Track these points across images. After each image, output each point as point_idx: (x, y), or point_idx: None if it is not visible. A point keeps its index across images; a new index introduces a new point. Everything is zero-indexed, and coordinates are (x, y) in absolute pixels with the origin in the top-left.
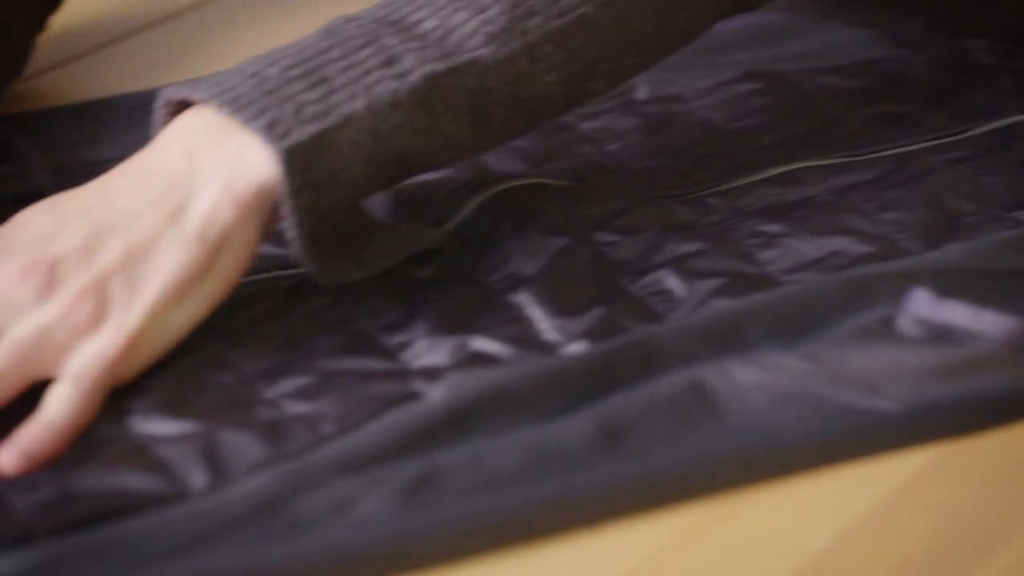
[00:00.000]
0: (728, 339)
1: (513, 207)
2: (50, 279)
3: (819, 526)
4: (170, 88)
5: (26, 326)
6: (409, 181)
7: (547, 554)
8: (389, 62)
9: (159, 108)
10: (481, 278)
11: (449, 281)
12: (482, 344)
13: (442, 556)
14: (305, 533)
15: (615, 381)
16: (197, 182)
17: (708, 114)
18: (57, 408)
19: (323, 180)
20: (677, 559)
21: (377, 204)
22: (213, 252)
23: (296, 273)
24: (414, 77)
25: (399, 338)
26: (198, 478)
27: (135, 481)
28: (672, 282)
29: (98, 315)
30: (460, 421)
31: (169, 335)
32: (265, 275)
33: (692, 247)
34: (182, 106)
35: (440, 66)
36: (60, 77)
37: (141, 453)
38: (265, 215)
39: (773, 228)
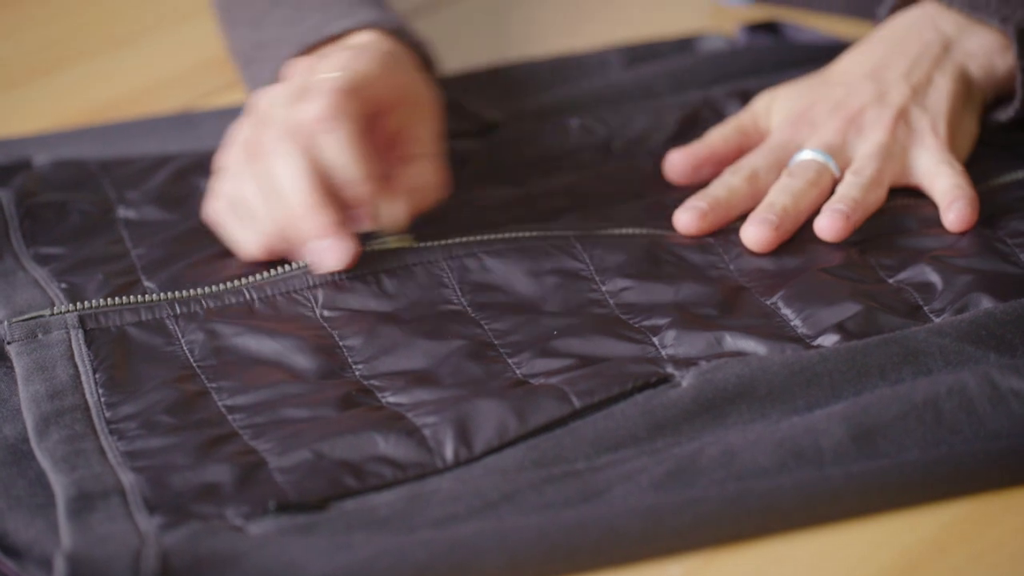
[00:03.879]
0: (988, 342)
1: None
2: (860, 126)
3: None
4: None
5: (869, 147)
6: None
7: (791, 544)
8: None
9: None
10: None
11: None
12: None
13: (692, 539)
14: (558, 513)
15: (870, 378)
16: (943, 41)
17: None
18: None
19: None
20: (934, 558)
21: None
22: (966, 87)
23: None
24: None
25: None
26: (449, 449)
27: (389, 448)
28: (931, 276)
29: (910, 133)
30: (710, 409)
31: (961, 139)
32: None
33: (948, 241)
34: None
35: None
36: None
37: (397, 420)
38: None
39: None
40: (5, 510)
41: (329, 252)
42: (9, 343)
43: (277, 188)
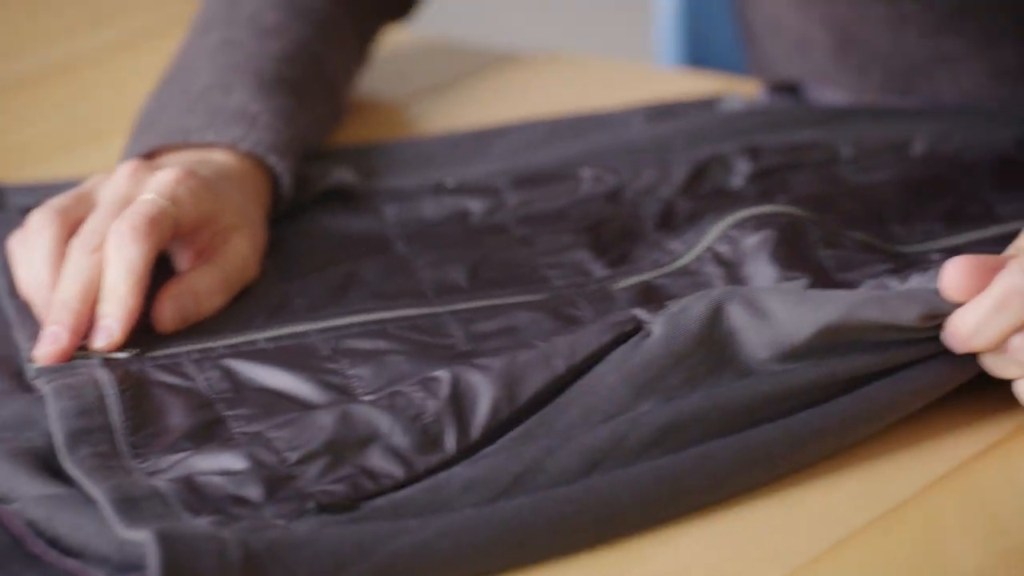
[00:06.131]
0: None
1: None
2: None
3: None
4: None
5: None
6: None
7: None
8: None
9: None
10: None
11: None
12: None
13: (699, 499)
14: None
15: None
16: None
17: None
18: None
19: None
20: None
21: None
22: None
23: None
24: None
25: None
26: (451, 439)
27: (395, 442)
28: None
29: None
30: (682, 360)
31: None
32: None
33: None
34: None
35: None
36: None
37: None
38: None
39: None
40: (53, 513)
41: (46, 343)
42: (34, 378)
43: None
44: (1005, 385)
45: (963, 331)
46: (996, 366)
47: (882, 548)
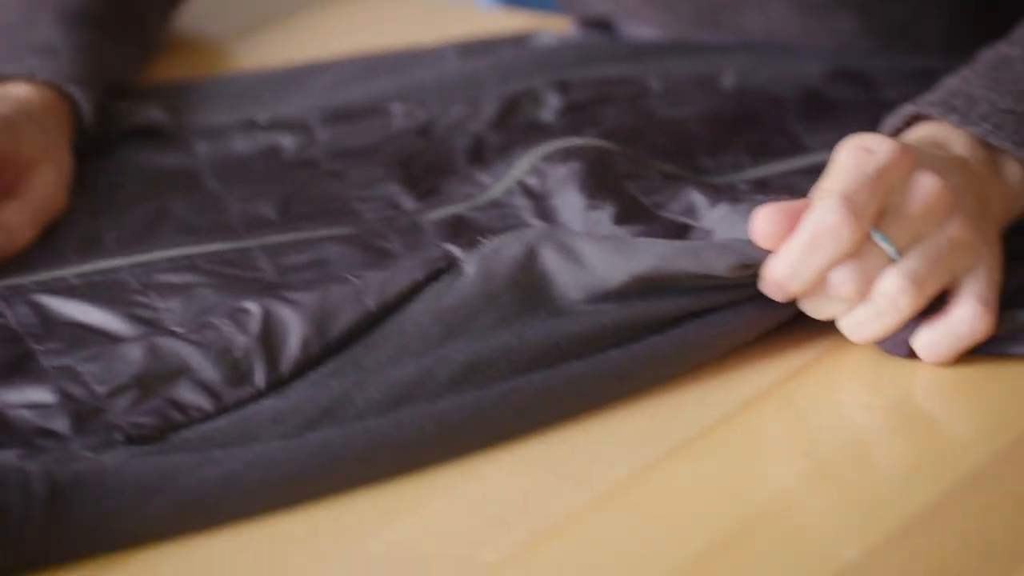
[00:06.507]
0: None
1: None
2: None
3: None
4: (914, 105)
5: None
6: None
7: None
8: None
9: (895, 117)
10: None
11: None
12: None
13: (497, 430)
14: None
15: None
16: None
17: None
18: None
19: None
20: None
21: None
22: None
23: None
24: None
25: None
26: (260, 374)
27: (206, 377)
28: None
29: None
30: (494, 300)
31: None
32: None
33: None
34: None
35: None
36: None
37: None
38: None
39: None
40: None
41: None
42: None
43: None
44: None
45: (778, 276)
46: (816, 308)
47: (695, 468)
